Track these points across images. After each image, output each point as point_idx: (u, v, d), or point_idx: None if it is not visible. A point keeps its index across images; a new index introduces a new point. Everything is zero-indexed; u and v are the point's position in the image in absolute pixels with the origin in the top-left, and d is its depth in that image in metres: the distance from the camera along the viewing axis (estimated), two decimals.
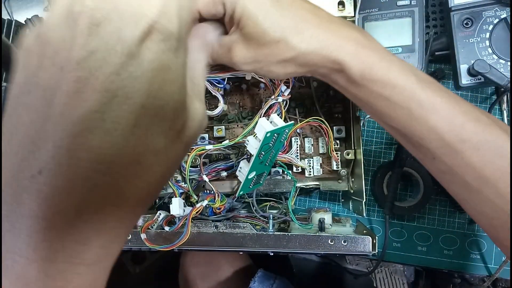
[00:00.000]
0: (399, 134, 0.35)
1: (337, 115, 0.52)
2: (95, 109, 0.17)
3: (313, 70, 0.35)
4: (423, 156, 0.35)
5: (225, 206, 0.47)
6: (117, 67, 0.17)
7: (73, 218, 0.18)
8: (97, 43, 0.17)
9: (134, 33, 0.17)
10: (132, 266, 0.85)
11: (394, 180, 0.54)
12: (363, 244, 0.42)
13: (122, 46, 0.17)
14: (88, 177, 0.18)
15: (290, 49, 0.32)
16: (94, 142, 0.17)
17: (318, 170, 0.51)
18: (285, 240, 0.43)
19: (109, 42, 0.17)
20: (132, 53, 0.17)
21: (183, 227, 0.43)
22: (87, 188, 0.18)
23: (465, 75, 0.51)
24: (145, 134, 0.18)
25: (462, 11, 0.51)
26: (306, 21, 0.33)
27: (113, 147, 0.17)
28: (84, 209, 0.18)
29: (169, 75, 0.19)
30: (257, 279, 0.53)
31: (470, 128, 0.31)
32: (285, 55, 0.33)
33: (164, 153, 0.20)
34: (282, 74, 0.35)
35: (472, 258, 0.57)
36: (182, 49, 0.20)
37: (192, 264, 0.62)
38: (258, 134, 0.40)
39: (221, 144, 0.45)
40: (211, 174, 0.49)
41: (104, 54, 0.17)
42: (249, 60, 0.34)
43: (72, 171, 0.17)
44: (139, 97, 0.18)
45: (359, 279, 0.69)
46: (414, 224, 0.58)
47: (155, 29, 0.18)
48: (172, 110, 0.19)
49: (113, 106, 0.17)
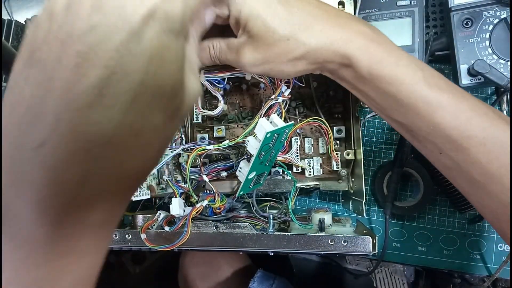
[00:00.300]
0: (405, 130, 0.35)
1: (337, 115, 0.52)
2: (93, 84, 0.17)
3: (322, 66, 0.34)
4: (429, 151, 0.35)
5: (225, 206, 0.47)
6: (117, 44, 0.17)
7: (75, 188, 0.19)
8: (99, 18, 0.17)
9: (138, 12, 0.17)
10: (132, 266, 0.85)
11: (394, 180, 0.54)
12: (363, 244, 0.42)
13: (124, 23, 0.17)
14: (89, 149, 0.18)
15: (301, 46, 0.32)
16: (93, 117, 0.17)
17: (318, 170, 0.51)
18: (285, 240, 0.43)
19: (111, 18, 0.17)
20: (134, 31, 0.17)
21: (183, 227, 0.43)
22: (89, 160, 0.18)
23: (465, 75, 0.51)
24: (144, 110, 0.19)
25: (462, 11, 0.51)
26: (314, 16, 0.33)
27: (111, 122, 0.18)
28: (87, 180, 0.19)
29: (168, 55, 0.19)
30: (256, 279, 0.53)
31: (477, 124, 0.31)
32: (295, 53, 0.33)
33: (161, 129, 0.20)
34: (292, 73, 0.35)
35: (472, 258, 0.57)
36: (183, 33, 0.20)
37: (191, 264, 0.62)
38: (258, 135, 0.40)
39: (222, 145, 0.45)
40: (211, 174, 0.49)
41: (105, 29, 0.17)
42: (259, 62, 0.34)
43: (73, 144, 0.17)
44: (137, 75, 0.18)
45: (359, 279, 0.69)
46: (414, 224, 0.58)
47: (160, 9, 0.18)
48: (170, 88, 0.20)
49: (111, 82, 0.17)
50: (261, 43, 0.33)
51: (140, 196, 0.48)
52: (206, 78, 0.45)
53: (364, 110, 0.56)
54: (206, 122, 0.52)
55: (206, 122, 0.52)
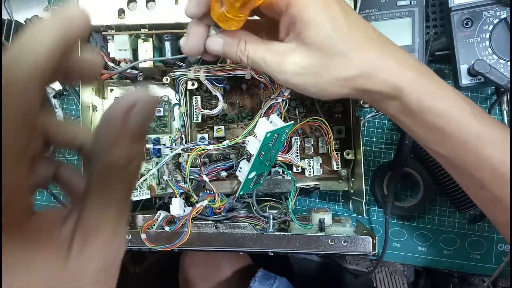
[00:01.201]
0: (447, 162, 0.34)
1: (337, 115, 0.52)
2: None
3: (367, 94, 0.33)
4: (468, 183, 0.35)
5: (225, 206, 0.47)
6: None
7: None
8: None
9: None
10: (132, 266, 0.85)
11: (394, 180, 0.54)
12: (363, 244, 0.42)
13: None
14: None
15: (355, 67, 0.31)
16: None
17: (318, 170, 0.51)
18: (285, 240, 0.43)
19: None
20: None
21: (183, 227, 0.43)
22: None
23: (465, 75, 0.51)
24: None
25: (462, 11, 0.51)
26: (372, 40, 0.32)
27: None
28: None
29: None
30: (257, 279, 0.52)
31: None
32: (347, 73, 0.31)
33: None
34: (334, 95, 0.33)
35: (472, 258, 0.57)
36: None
37: (191, 265, 0.62)
38: (258, 134, 0.40)
39: (221, 145, 0.45)
40: (211, 174, 0.49)
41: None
42: (306, 71, 0.32)
43: None
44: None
45: (359, 279, 0.69)
46: (414, 224, 0.58)
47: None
48: None
49: None
50: (316, 54, 0.31)
51: (140, 196, 0.48)
52: (206, 77, 0.45)
53: (364, 110, 0.56)
54: (206, 122, 0.52)
55: (206, 122, 0.52)
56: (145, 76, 0.50)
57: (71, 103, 0.60)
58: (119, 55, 0.46)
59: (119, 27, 0.46)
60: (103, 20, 0.45)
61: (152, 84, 0.53)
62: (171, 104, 0.52)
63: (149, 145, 0.49)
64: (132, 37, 0.46)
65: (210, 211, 0.47)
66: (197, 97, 0.48)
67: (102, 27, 0.46)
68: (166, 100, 0.53)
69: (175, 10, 0.44)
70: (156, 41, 0.47)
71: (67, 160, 0.60)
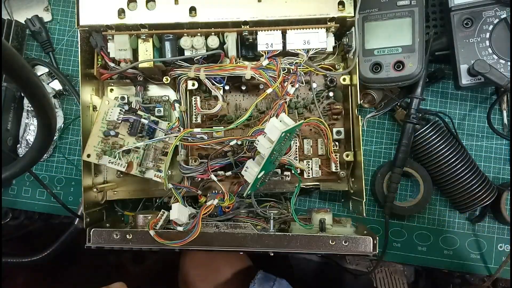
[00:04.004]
0: None
1: (337, 116, 0.52)
2: None
3: None
4: None
5: (233, 204, 0.47)
6: None
7: None
8: None
9: None
10: (132, 266, 0.85)
11: (394, 180, 0.54)
12: (364, 244, 0.42)
13: None
14: None
15: None
16: None
17: (317, 171, 0.51)
18: (286, 240, 0.43)
19: None
20: None
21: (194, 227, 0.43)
22: None
23: (465, 75, 0.51)
24: None
25: (462, 11, 0.51)
26: None
27: None
28: None
29: None
30: (257, 281, 0.52)
31: None
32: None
33: None
34: None
35: (472, 258, 0.57)
36: None
37: (191, 266, 0.62)
38: (271, 134, 0.39)
39: (211, 129, 0.46)
40: (208, 173, 0.49)
41: None
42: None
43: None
44: None
45: (359, 279, 0.69)
46: (414, 224, 0.58)
47: None
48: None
49: None
50: None
51: (115, 165, 0.48)
52: (206, 76, 0.45)
53: (364, 110, 0.56)
54: (205, 122, 0.52)
55: (205, 122, 0.52)
56: (145, 76, 0.50)
57: (71, 103, 0.60)
58: (119, 55, 0.46)
59: (119, 27, 0.45)
60: (103, 20, 0.45)
61: (152, 84, 0.53)
62: (171, 104, 0.52)
63: (144, 120, 0.48)
64: (132, 37, 0.46)
65: (220, 210, 0.47)
66: (197, 98, 0.48)
67: (102, 27, 0.46)
68: (166, 100, 0.53)
69: (175, 10, 0.44)
70: (156, 41, 0.47)
71: (67, 160, 0.59)
